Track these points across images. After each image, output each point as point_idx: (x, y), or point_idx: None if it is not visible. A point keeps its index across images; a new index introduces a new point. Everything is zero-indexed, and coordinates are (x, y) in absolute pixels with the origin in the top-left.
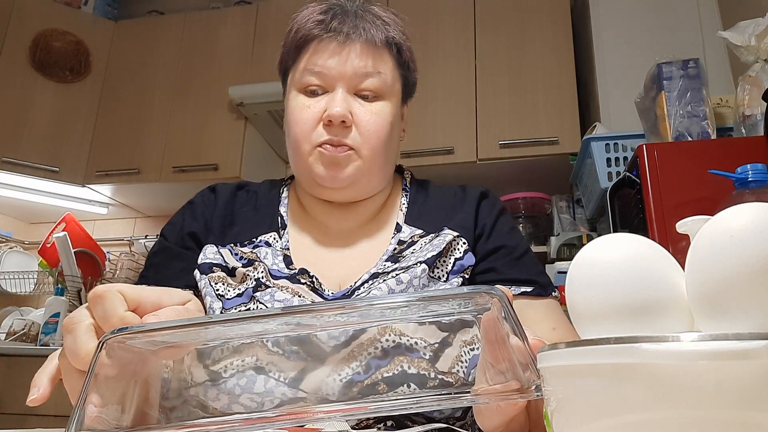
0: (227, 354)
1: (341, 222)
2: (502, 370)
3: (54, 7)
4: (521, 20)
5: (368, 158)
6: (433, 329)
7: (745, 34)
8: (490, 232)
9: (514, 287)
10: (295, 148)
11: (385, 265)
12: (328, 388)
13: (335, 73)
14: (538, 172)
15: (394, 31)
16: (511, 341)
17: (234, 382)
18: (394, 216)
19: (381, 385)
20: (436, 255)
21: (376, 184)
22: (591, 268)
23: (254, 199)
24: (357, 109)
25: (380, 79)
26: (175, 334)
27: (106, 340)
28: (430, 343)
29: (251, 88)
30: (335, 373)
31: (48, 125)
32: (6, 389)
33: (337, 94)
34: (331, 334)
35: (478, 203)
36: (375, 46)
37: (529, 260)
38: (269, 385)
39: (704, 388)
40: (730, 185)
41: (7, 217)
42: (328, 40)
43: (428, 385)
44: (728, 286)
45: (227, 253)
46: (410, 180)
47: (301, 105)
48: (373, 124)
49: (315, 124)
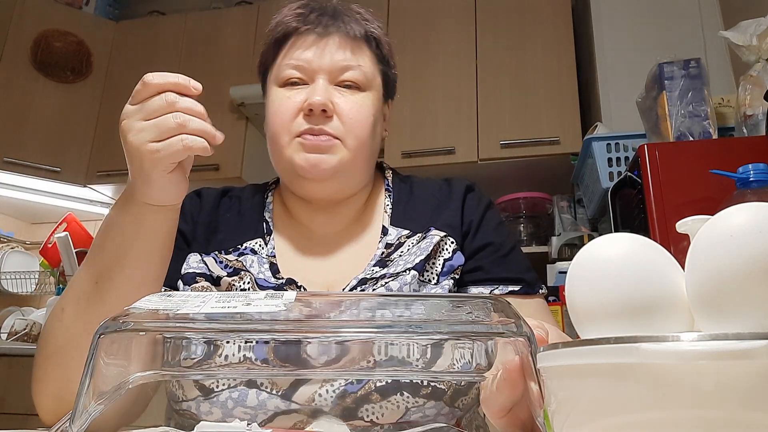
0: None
1: (326, 225)
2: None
3: (55, 8)
4: (522, 20)
5: (353, 148)
6: (428, 347)
7: (747, 33)
8: (476, 229)
9: (502, 286)
10: (274, 139)
11: (373, 270)
12: (321, 399)
13: (315, 65)
14: (539, 172)
15: (373, 25)
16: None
17: (227, 396)
18: (379, 217)
19: (374, 395)
20: (424, 259)
21: (359, 179)
22: (591, 268)
23: (238, 204)
24: (338, 98)
25: (360, 72)
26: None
27: (102, 333)
28: (423, 354)
29: (252, 89)
30: (328, 384)
31: (49, 125)
32: (7, 389)
33: (318, 84)
34: (321, 351)
35: (463, 199)
36: (354, 38)
37: (516, 257)
38: (262, 397)
39: (704, 388)
40: (731, 185)
41: (8, 217)
42: (307, 33)
43: (421, 392)
44: (728, 286)
45: (211, 262)
46: (392, 178)
47: (281, 97)
48: (356, 112)
49: (295, 114)
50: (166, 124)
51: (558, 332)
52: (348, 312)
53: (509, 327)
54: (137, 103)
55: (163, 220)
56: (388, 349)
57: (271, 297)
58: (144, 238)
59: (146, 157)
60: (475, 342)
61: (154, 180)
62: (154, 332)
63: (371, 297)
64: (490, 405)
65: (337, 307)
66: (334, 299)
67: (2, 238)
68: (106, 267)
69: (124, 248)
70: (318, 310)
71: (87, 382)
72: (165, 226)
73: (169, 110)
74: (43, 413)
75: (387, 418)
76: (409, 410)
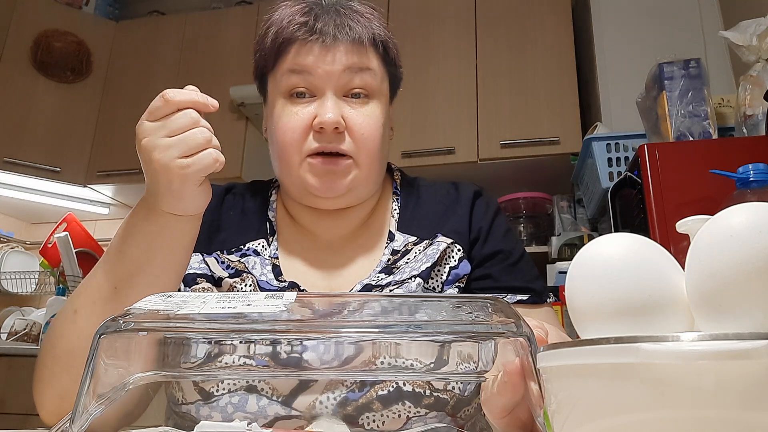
0: (218, 370)
1: (331, 229)
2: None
3: (55, 8)
4: (522, 20)
5: (366, 165)
6: (429, 348)
7: (747, 33)
8: (486, 237)
9: (510, 296)
10: (284, 158)
11: (379, 276)
12: (322, 406)
13: (322, 73)
14: (539, 172)
15: (378, 27)
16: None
17: (227, 401)
18: (386, 223)
19: (375, 404)
20: (430, 266)
21: (370, 189)
22: (591, 268)
23: (241, 202)
24: (348, 112)
25: (369, 75)
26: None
27: (102, 334)
28: (426, 363)
29: (252, 89)
30: (329, 391)
31: (49, 125)
32: (7, 389)
33: (327, 99)
34: (323, 359)
35: (471, 204)
36: (362, 44)
37: (525, 265)
38: (262, 403)
39: (704, 388)
40: (731, 185)
41: (8, 217)
42: (312, 43)
43: (423, 402)
44: (728, 286)
45: (213, 262)
46: (400, 182)
47: (288, 112)
48: (367, 127)
49: (304, 133)
50: (195, 139)
51: (559, 333)
52: (347, 313)
53: (509, 327)
54: (156, 120)
55: (190, 228)
56: (389, 350)
57: (272, 297)
58: (169, 245)
59: (176, 172)
60: (475, 342)
61: (186, 194)
62: (155, 332)
63: (371, 298)
64: (491, 406)
65: (337, 307)
66: (334, 300)
67: (2, 238)
68: (128, 273)
69: (147, 255)
70: (318, 311)
71: (87, 382)
72: (190, 233)
73: (194, 126)
74: (45, 413)
75: (388, 426)
76: (411, 419)
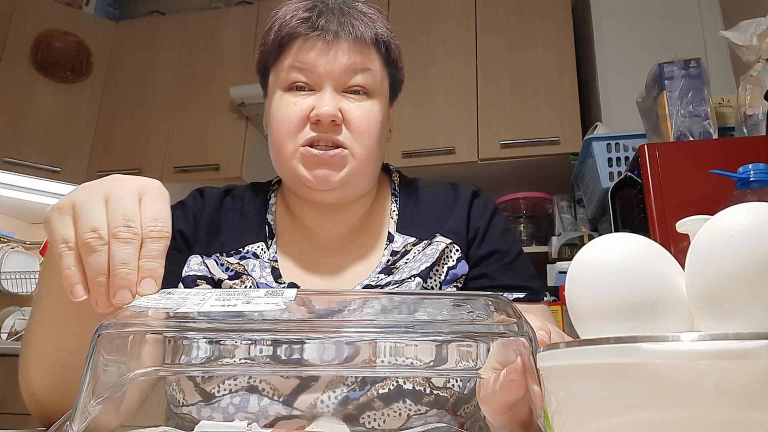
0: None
1: (330, 229)
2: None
3: (55, 8)
4: (522, 20)
5: (362, 158)
6: (429, 347)
7: (747, 33)
8: (483, 237)
9: (507, 294)
10: (278, 148)
11: (379, 277)
12: (323, 405)
13: (322, 70)
14: (539, 172)
15: (382, 28)
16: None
17: (228, 401)
18: (385, 224)
19: (376, 402)
20: (429, 266)
21: (365, 185)
22: (591, 268)
23: (240, 204)
24: (346, 105)
25: (370, 76)
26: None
27: (101, 332)
28: (426, 362)
29: (252, 88)
30: (330, 390)
31: (49, 125)
32: (7, 389)
33: (326, 92)
34: (323, 359)
35: (469, 205)
36: (364, 43)
37: (522, 264)
38: (263, 403)
39: (704, 388)
40: (731, 185)
41: (8, 217)
42: (315, 39)
43: (424, 400)
44: (728, 286)
45: (213, 264)
46: (399, 183)
47: (287, 102)
48: (364, 121)
49: (301, 123)
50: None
51: (559, 333)
52: (348, 312)
53: (510, 327)
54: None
55: None
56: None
57: (272, 295)
58: None
59: None
60: (476, 342)
61: None
62: (154, 331)
63: (371, 295)
64: (491, 403)
65: (337, 305)
66: (334, 297)
67: (2, 238)
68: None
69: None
70: (318, 310)
71: (87, 380)
72: None
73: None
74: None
75: (389, 425)
76: (411, 418)
